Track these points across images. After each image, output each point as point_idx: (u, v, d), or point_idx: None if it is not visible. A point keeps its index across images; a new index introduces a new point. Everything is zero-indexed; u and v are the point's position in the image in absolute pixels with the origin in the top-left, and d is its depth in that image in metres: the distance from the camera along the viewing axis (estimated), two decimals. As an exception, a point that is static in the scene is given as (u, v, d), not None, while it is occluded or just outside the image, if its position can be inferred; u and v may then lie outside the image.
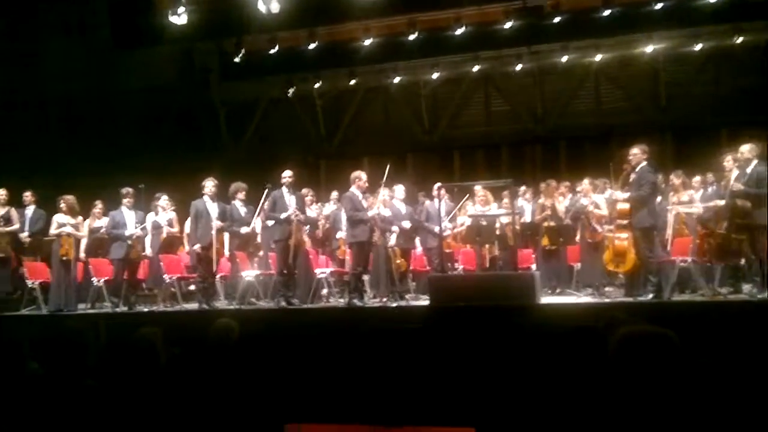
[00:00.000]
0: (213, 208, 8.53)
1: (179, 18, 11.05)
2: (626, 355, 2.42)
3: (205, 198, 8.56)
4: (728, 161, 7.81)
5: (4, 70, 14.38)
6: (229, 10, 12.22)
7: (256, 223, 9.17)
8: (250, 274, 8.91)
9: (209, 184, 8.58)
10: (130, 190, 9.06)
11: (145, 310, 8.93)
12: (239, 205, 9.01)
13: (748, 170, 7.32)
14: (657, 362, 2.36)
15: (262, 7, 10.90)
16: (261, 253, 9.25)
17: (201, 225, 8.45)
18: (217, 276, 8.87)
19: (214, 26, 12.57)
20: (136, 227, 8.89)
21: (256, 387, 3.87)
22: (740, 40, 12.23)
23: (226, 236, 8.82)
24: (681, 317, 6.39)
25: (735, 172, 7.54)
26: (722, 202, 7.56)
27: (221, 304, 8.98)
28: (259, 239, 9.33)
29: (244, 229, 8.83)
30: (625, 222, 7.55)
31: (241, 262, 8.95)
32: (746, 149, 7.39)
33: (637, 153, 7.55)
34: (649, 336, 2.45)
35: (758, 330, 5.77)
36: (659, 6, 11.34)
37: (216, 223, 8.42)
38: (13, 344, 3.63)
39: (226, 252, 8.84)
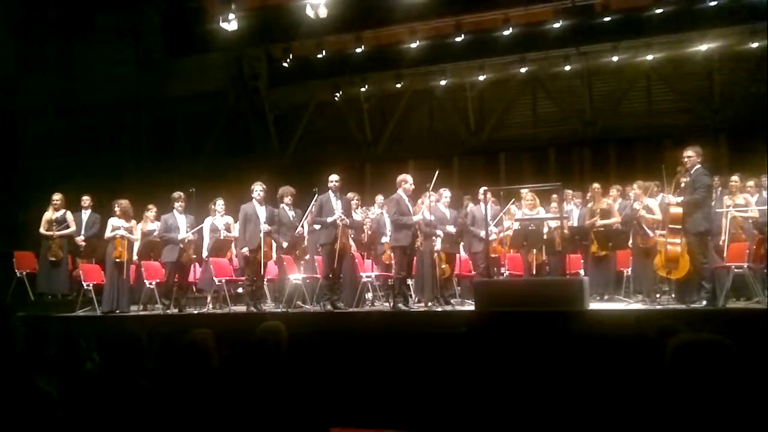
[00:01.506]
0: (261, 212, 8.65)
1: (229, 25, 11.28)
2: (683, 363, 2.37)
3: (254, 202, 8.69)
4: (786, 164, 7.54)
5: (59, 76, 14.92)
6: (277, 16, 12.43)
7: (304, 228, 9.27)
8: (296, 277, 9.00)
9: (258, 188, 8.71)
10: (182, 194, 9.26)
11: (195, 312, 9.12)
12: (287, 209, 9.12)
13: (809, 173, 7.05)
14: (715, 371, 2.30)
15: (310, 12, 11.04)
16: (307, 256, 9.34)
17: (249, 228, 8.58)
18: (265, 279, 8.99)
19: (263, 32, 12.80)
20: (187, 231, 9.08)
21: (302, 390, 3.91)
22: (799, 36, 11.81)
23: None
24: (736, 325, 6.19)
25: (794, 176, 7.27)
26: (780, 207, 7.30)
27: (269, 307, 9.09)
28: (305, 243, 9.42)
29: (284, 244, 8.93)
30: (678, 227, 7.35)
31: (288, 265, 9.05)
32: (806, 151, 7.11)
33: (691, 155, 7.33)
34: (707, 344, 2.39)
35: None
36: (713, 3, 11.03)
37: (264, 227, 8.54)
38: (72, 344, 3.75)
39: (274, 255, 8.94)
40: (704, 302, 7.10)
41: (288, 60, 13.29)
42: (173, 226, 9.07)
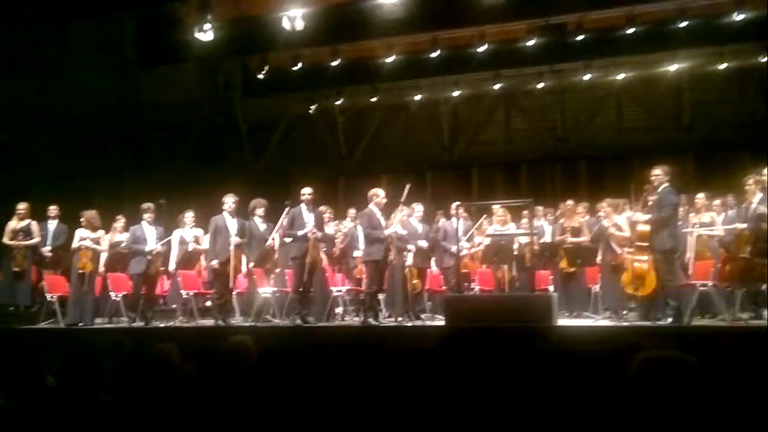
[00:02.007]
0: (232, 224, 8.58)
1: (205, 35, 11.23)
2: (647, 380, 2.39)
3: (225, 214, 8.62)
4: (750, 184, 7.68)
5: (30, 84, 14.69)
6: (253, 28, 12.41)
7: (275, 240, 9.21)
8: (266, 291, 8.93)
9: (229, 200, 8.64)
10: (151, 205, 9.15)
11: (162, 325, 8.99)
12: (258, 222, 9.06)
13: (773, 193, 7.19)
14: (678, 388, 2.32)
15: (286, 24, 11.04)
16: (278, 270, 9.27)
17: (219, 241, 8.51)
18: (234, 292, 8.90)
19: (239, 43, 12.76)
20: (156, 243, 8.97)
21: (270, 405, 3.86)
22: (766, 59, 12.10)
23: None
24: (701, 342, 6.27)
25: (758, 195, 7.41)
26: (744, 226, 7.43)
27: (237, 320, 9.00)
28: (276, 256, 9.36)
29: (252, 259, 8.86)
30: (645, 244, 7.45)
31: (257, 279, 8.97)
32: (771, 171, 7.27)
33: (659, 174, 7.45)
34: (670, 362, 2.41)
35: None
36: (684, 24, 11.28)
37: (235, 240, 8.47)
38: (31, 358, 3.66)
39: (244, 268, 8.87)
40: (670, 319, 7.20)
41: (263, 71, 13.26)
42: (141, 237, 8.94)
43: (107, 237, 9.39)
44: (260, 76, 13.36)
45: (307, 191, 8.54)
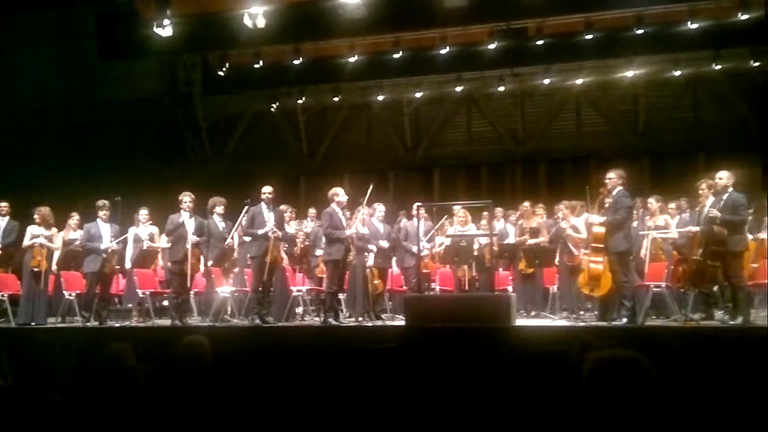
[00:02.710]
0: (190, 223, 8.46)
1: (164, 30, 11.03)
2: (598, 379, 2.42)
3: (182, 212, 8.49)
4: (703, 188, 7.89)
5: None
6: (214, 24, 12.21)
7: (234, 239, 9.11)
8: (225, 290, 8.82)
9: (186, 198, 8.51)
10: (106, 202, 8.96)
11: (117, 325, 8.80)
12: (217, 220, 8.95)
13: (725, 197, 7.37)
14: (629, 387, 2.36)
15: (247, 21, 10.91)
16: (237, 269, 9.18)
17: (176, 239, 8.37)
18: (192, 292, 8.77)
19: (199, 39, 12.54)
20: (111, 241, 8.78)
21: (226, 407, 3.81)
22: (719, 67, 12.45)
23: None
24: (654, 342, 6.42)
25: (711, 199, 7.60)
26: (697, 229, 7.63)
27: (195, 320, 8.88)
28: (235, 255, 9.26)
29: (210, 258, 8.74)
30: (600, 246, 7.59)
31: (216, 278, 8.86)
32: (723, 176, 7.45)
33: (613, 177, 7.61)
34: (621, 361, 2.45)
35: (728, 356, 5.81)
36: (640, 31, 11.49)
37: (192, 238, 8.35)
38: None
39: (202, 267, 8.75)
40: (624, 320, 7.34)
41: (224, 68, 13.09)
42: (96, 235, 8.74)
43: (60, 234, 9.16)
44: (221, 73, 13.18)
45: (267, 190, 8.46)
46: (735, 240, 7.20)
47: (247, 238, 8.74)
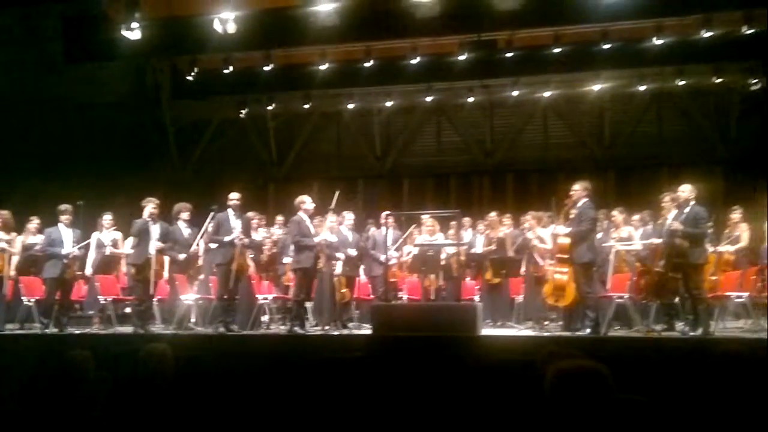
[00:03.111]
0: (154, 229, 8.33)
1: (132, 33, 10.90)
2: (560, 389, 2.44)
3: (147, 218, 8.36)
4: (666, 201, 8.05)
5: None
6: (184, 28, 12.12)
7: (199, 246, 9.00)
8: (189, 298, 8.70)
9: (150, 204, 8.40)
10: (69, 207, 8.78)
11: (77, 332, 8.61)
12: (182, 227, 8.83)
13: (686, 210, 7.51)
14: (589, 397, 2.37)
15: (218, 26, 10.84)
16: (202, 276, 9.06)
17: (140, 245, 8.24)
18: (155, 299, 8.64)
19: (168, 44, 12.44)
20: (73, 246, 8.60)
21: (188, 416, 3.75)
22: (682, 83, 12.74)
23: (167, 258, 8.61)
24: (616, 352, 6.50)
25: (673, 212, 7.74)
26: (659, 241, 7.77)
27: (158, 328, 8.73)
28: (200, 262, 9.15)
29: (182, 256, 8.63)
30: (565, 256, 7.68)
31: (180, 285, 8.73)
32: (685, 190, 7.60)
33: (578, 189, 7.72)
34: (582, 371, 2.47)
35: (689, 367, 5.91)
36: (607, 46, 11.71)
37: (156, 244, 8.23)
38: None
39: (166, 274, 8.62)
40: (588, 330, 7.43)
41: (193, 73, 12.96)
42: (57, 240, 8.56)
43: (20, 239, 8.95)
44: (190, 78, 13.04)
45: (234, 196, 8.39)
46: (696, 252, 7.34)
47: (213, 245, 8.64)
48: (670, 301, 8.13)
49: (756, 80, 12.21)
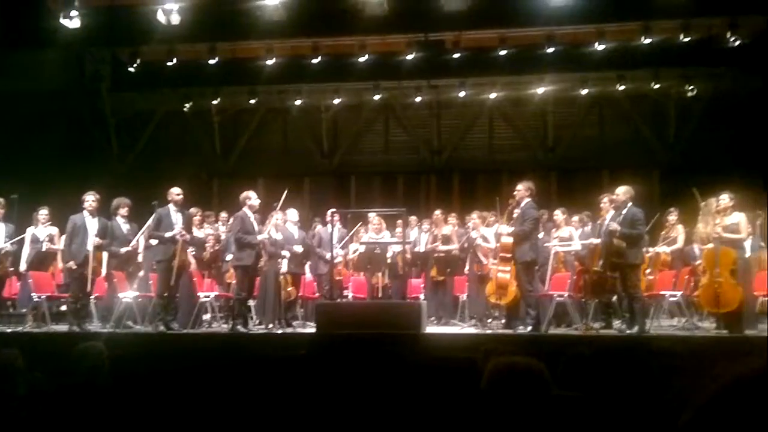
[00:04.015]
0: (92, 224, 8.08)
1: (71, 22, 10.55)
2: (496, 386, 2.46)
3: (85, 212, 8.10)
4: (605, 202, 8.27)
5: None
6: (125, 18, 11.78)
7: (140, 242, 8.77)
8: (128, 295, 8.47)
9: (89, 198, 8.14)
10: (2, 200, 8.43)
11: (9, 330, 8.28)
12: (121, 222, 8.59)
13: (624, 212, 7.73)
14: (524, 394, 2.40)
15: (161, 17, 10.58)
16: (141, 273, 8.83)
17: (77, 241, 7.98)
18: (92, 296, 8.37)
19: (109, 33, 12.07)
20: (5, 241, 8.26)
21: (123, 418, 3.63)
22: (623, 87, 13.10)
23: (105, 254, 8.36)
24: (556, 350, 6.63)
25: (611, 213, 7.97)
26: (598, 241, 7.97)
27: (95, 326, 8.47)
28: (140, 259, 8.91)
29: (123, 249, 8.40)
30: (508, 255, 7.81)
31: (119, 282, 8.49)
32: (622, 191, 7.83)
33: (521, 189, 7.85)
34: (517, 368, 2.50)
35: (625, 364, 6.07)
36: (551, 50, 11.95)
37: (94, 240, 7.98)
38: None
39: (104, 271, 8.36)
40: (529, 328, 7.58)
41: (135, 65, 12.62)
42: (-13, 235, 8.21)
43: (-53, 233, 8.54)
44: (131, 70, 12.69)
45: (175, 191, 8.21)
46: (632, 253, 7.56)
47: (154, 241, 8.43)
48: (608, 300, 8.36)
49: (692, 87, 12.66)
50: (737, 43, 11.26)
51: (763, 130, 13.10)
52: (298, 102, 14.11)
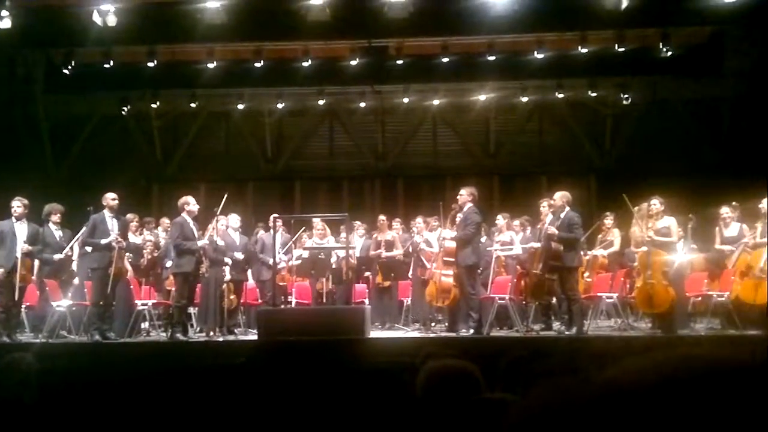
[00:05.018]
0: (21, 230, 7.77)
1: (2, 22, 10.15)
2: (430, 389, 2.46)
3: (13, 219, 7.78)
4: (544, 207, 8.45)
5: None
6: (59, 19, 11.39)
7: (74, 249, 8.48)
8: (62, 304, 8.17)
9: (16, 204, 7.83)
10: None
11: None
12: (54, 229, 8.30)
13: (562, 216, 7.93)
14: (456, 397, 2.40)
15: (97, 18, 10.29)
16: (76, 281, 8.54)
17: (5, 248, 7.66)
18: (23, 305, 8.04)
19: (42, 34, 11.65)
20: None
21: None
22: (561, 95, 13.43)
23: (36, 262, 8.05)
24: (497, 352, 6.72)
25: (549, 217, 8.15)
26: (538, 245, 8.14)
27: (26, 336, 8.15)
28: (75, 266, 8.62)
29: (57, 257, 8.11)
30: (451, 259, 7.88)
31: (51, 291, 8.18)
32: (558, 197, 8.03)
33: (463, 194, 7.96)
34: (451, 371, 2.50)
35: (564, 364, 6.19)
36: (492, 58, 12.15)
37: (24, 247, 7.67)
38: None
39: (34, 278, 8.05)
40: (472, 330, 7.66)
41: (70, 67, 12.21)
42: None
43: None
44: (66, 72, 12.28)
45: (111, 196, 7.99)
46: (569, 256, 7.76)
47: (88, 248, 8.16)
48: (547, 302, 8.53)
49: (628, 95, 13.09)
50: (669, 53, 11.72)
51: (694, 137, 13.69)
52: (240, 106, 13.93)
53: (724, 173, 11.46)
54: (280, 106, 13.93)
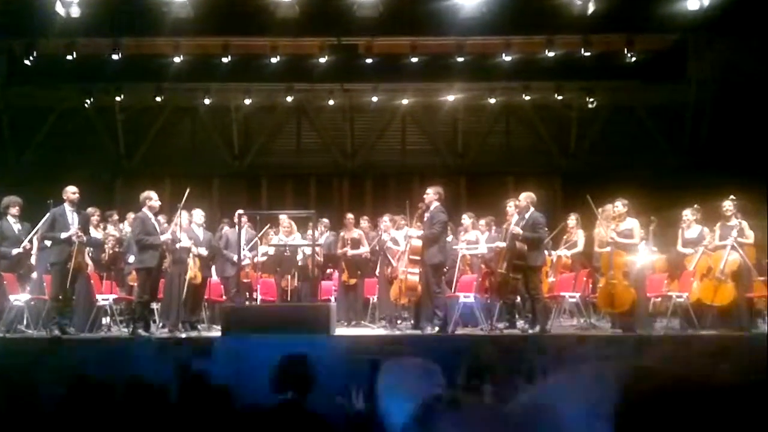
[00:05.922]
0: (-22, 224, 7.57)
1: (-40, 11, 9.86)
2: (390, 386, 2.46)
3: (-30, 212, 7.59)
4: (510, 207, 8.53)
5: None
6: (20, 9, 11.10)
7: (33, 243, 8.29)
8: (20, 298, 7.98)
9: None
10: None
11: None
12: (12, 222, 8.10)
13: (526, 216, 8.02)
14: (417, 394, 2.40)
15: (60, 9, 10.07)
16: (34, 275, 8.35)
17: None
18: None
19: (3, 24, 11.35)
20: None
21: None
22: (528, 97, 13.58)
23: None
24: (462, 349, 6.76)
25: (515, 217, 8.24)
26: (503, 244, 8.21)
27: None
28: (33, 260, 8.42)
29: (15, 251, 7.91)
30: (417, 257, 7.91)
31: (9, 284, 7.99)
32: (523, 197, 8.13)
33: (430, 194, 8.00)
34: (412, 368, 2.50)
35: (528, 361, 6.27)
36: (461, 59, 12.23)
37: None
38: None
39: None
40: (437, 328, 7.70)
41: (31, 58, 11.91)
42: None
43: None
44: (27, 63, 11.98)
45: (71, 190, 7.83)
46: (533, 256, 7.86)
47: (48, 242, 7.98)
48: (512, 301, 8.62)
49: (593, 99, 13.30)
50: (633, 59, 11.95)
51: (657, 141, 13.98)
52: (207, 101, 13.76)
53: (686, 177, 11.73)
54: (247, 102, 13.82)
